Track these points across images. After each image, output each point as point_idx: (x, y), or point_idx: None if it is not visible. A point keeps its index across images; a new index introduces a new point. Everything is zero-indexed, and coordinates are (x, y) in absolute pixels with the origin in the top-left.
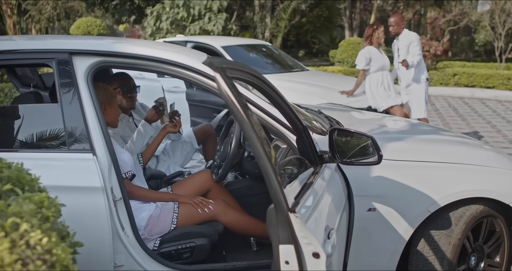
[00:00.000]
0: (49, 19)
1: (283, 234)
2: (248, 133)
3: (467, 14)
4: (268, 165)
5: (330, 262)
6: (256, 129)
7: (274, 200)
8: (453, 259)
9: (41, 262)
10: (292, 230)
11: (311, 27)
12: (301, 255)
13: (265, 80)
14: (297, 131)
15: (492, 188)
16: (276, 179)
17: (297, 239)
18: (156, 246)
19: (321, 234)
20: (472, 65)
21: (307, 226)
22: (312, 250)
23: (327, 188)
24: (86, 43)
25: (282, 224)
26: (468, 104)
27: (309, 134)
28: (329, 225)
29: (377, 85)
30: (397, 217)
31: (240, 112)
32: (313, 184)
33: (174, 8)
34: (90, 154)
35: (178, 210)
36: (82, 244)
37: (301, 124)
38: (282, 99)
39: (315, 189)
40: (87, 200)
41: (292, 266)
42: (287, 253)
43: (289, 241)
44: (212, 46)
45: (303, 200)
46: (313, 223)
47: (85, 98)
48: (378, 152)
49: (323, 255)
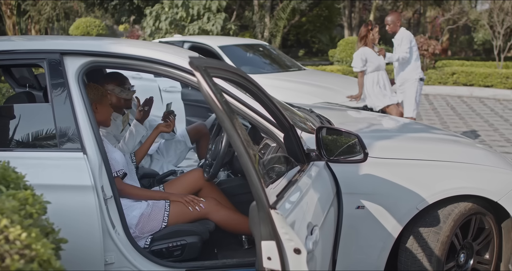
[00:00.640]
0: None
1: (265, 230)
2: (229, 132)
3: (466, 13)
4: (249, 162)
5: (313, 258)
6: (237, 128)
7: (255, 197)
8: (441, 256)
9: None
10: (273, 226)
11: (311, 26)
12: (283, 251)
13: (251, 80)
14: (284, 130)
15: (480, 185)
16: (257, 176)
17: (279, 235)
18: (147, 244)
19: (303, 230)
20: (471, 64)
21: (289, 223)
22: (294, 246)
23: (313, 185)
24: (77, 44)
25: (263, 220)
26: (466, 103)
27: (296, 132)
28: (312, 222)
29: (373, 85)
30: (385, 215)
31: (220, 111)
32: (297, 181)
33: (173, 8)
34: (81, 152)
35: (169, 208)
36: (67, 240)
37: (288, 122)
38: (268, 98)
39: (299, 186)
40: (77, 198)
41: (274, 262)
42: (269, 249)
43: (271, 237)
44: (209, 46)
45: (285, 197)
46: (294, 220)
47: (76, 98)
48: (363, 149)
49: (304, 251)
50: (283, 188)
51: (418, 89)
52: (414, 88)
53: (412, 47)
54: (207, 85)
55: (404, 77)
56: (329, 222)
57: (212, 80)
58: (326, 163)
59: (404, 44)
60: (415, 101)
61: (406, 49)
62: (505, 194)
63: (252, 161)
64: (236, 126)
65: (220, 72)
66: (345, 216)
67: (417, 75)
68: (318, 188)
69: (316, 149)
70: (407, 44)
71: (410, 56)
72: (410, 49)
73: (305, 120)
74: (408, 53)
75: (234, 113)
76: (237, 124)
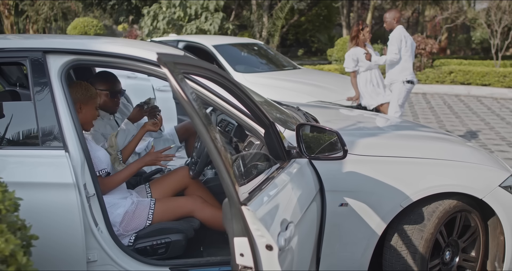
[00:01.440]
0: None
1: (237, 227)
2: (199, 128)
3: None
4: (219, 159)
5: (287, 255)
6: (206, 124)
7: (227, 194)
8: (425, 253)
9: None
10: (245, 223)
11: (310, 26)
12: (255, 247)
13: (227, 77)
14: (264, 127)
15: (465, 183)
16: (227, 173)
17: (250, 232)
18: (131, 242)
19: (276, 227)
20: (468, 63)
21: (261, 219)
22: (265, 242)
23: (291, 182)
24: (60, 42)
25: (235, 217)
26: (464, 102)
27: (276, 129)
28: (287, 219)
29: (366, 83)
30: (369, 212)
31: (189, 107)
32: (274, 178)
33: (171, 7)
34: (63, 150)
35: (154, 206)
36: (38, 237)
37: (268, 119)
38: (246, 96)
39: (275, 183)
40: (59, 196)
41: (246, 258)
42: (242, 246)
43: (243, 234)
44: (203, 45)
45: (258, 194)
46: (267, 216)
47: (58, 96)
48: (343, 146)
49: (275, 247)
50: (258, 185)
51: (403, 92)
52: (398, 90)
53: (404, 48)
54: (175, 81)
55: (392, 78)
56: (309, 219)
57: (181, 76)
58: (309, 160)
59: (393, 44)
60: (398, 104)
61: (395, 50)
62: (490, 192)
63: (222, 157)
64: (205, 122)
65: (192, 69)
66: (329, 213)
67: (404, 77)
68: (297, 185)
69: (297, 146)
70: (395, 44)
71: (400, 57)
72: (400, 50)
73: (291, 118)
74: (398, 54)
75: (204, 109)
76: (207, 121)
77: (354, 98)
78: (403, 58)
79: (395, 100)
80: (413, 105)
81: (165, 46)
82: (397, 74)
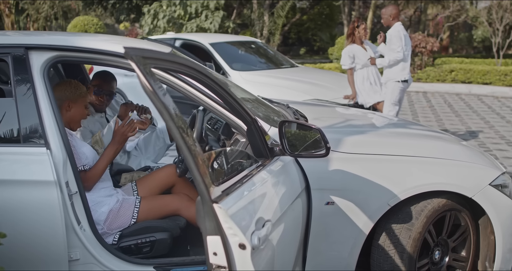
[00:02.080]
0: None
1: (209, 225)
2: (168, 124)
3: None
4: (189, 155)
5: (263, 254)
6: (175, 120)
7: (199, 191)
8: (413, 253)
9: None
10: (217, 221)
11: (312, 24)
12: (228, 246)
13: (205, 72)
14: (246, 124)
15: (454, 181)
16: (197, 169)
17: (223, 230)
18: (116, 241)
19: (250, 226)
20: (470, 62)
21: (234, 217)
22: (238, 241)
23: (271, 180)
24: (42, 38)
25: (208, 215)
26: (464, 100)
27: (258, 126)
28: (264, 217)
29: (363, 81)
30: (356, 211)
31: (158, 102)
32: (252, 176)
33: (171, 6)
34: (44, 148)
35: (139, 204)
36: (5, 234)
37: (250, 116)
38: (227, 92)
39: (253, 181)
40: (39, 194)
41: (220, 257)
42: (215, 244)
43: (215, 232)
44: (200, 43)
45: (233, 192)
46: (240, 215)
47: (40, 93)
48: (325, 144)
49: (248, 247)
50: (233, 183)
51: (397, 90)
52: (392, 88)
53: (404, 47)
54: (143, 75)
55: (388, 76)
56: (293, 217)
57: (148, 71)
58: (295, 158)
59: (394, 43)
60: (393, 103)
61: (397, 48)
62: (480, 190)
63: (191, 153)
64: (174, 118)
65: (166, 64)
66: (315, 212)
67: (399, 77)
68: (278, 183)
69: (280, 143)
70: (396, 43)
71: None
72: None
73: (279, 116)
74: (401, 52)
75: (172, 105)
76: (176, 117)
77: (351, 96)
78: (404, 56)
79: (389, 99)
80: (413, 104)
81: (147, 41)
82: (394, 73)
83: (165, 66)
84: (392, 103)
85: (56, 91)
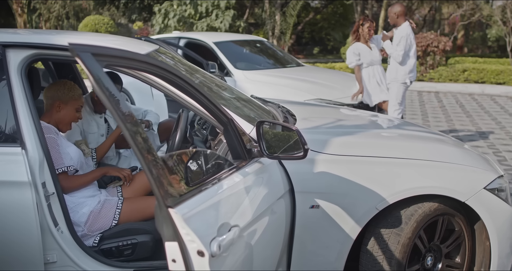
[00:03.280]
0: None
1: (167, 231)
2: (119, 123)
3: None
4: (141, 157)
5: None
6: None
7: (155, 196)
8: (402, 259)
9: None
10: (174, 226)
11: (326, 24)
12: (186, 252)
13: (176, 73)
14: (222, 125)
15: (446, 184)
16: (149, 171)
17: (180, 236)
18: (96, 243)
19: (210, 232)
20: (484, 61)
21: (193, 223)
22: (196, 248)
23: (245, 183)
24: (21, 36)
25: (165, 220)
26: (477, 100)
27: (235, 127)
28: (229, 222)
29: (369, 79)
30: (342, 215)
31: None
32: (220, 180)
33: (182, 5)
34: (19, 147)
35: (121, 206)
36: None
37: (226, 116)
38: (199, 92)
39: (220, 184)
40: (13, 195)
41: (178, 264)
42: (173, 251)
43: (173, 238)
44: (204, 42)
45: (192, 197)
46: (200, 220)
47: (17, 91)
48: (303, 145)
49: (207, 254)
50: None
51: (401, 91)
52: (397, 89)
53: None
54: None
55: (392, 76)
56: (275, 220)
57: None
58: (278, 159)
59: (397, 44)
60: (398, 103)
61: (400, 49)
62: (473, 194)
63: (142, 155)
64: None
65: (120, 61)
66: (299, 215)
67: (403, 79)
68: (253, 186)
69: (258, 144)
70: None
71: (408, 57)
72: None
73: (268, 115)
74: (402, 50)
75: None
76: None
77: (358, 93)
78: (410, 57)
79: (394, 99)
80: (424, 104)
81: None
82: (400, 74)
83: (122, 64)
84: (397, 103)
85: (49, 90)
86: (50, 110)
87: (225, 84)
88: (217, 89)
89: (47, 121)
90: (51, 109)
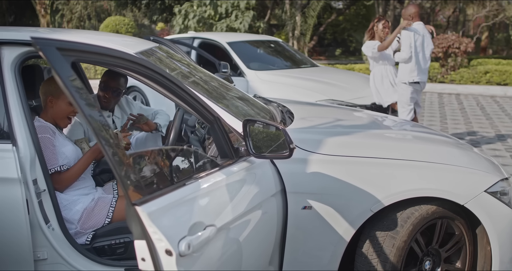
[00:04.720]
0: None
1: (135, 229)
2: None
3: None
4: (107, 154)
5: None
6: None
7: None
8: (397, 262)
9: None
10: (142, 225)
11: (348, 25)
12: (154, 251)
13: (157, 69)
14: (209, 123)
15: (445, 187)
16: (115, 169)
17: (148, 235)
18: (89, 241)
19: (180, 230)
20: (507, 63)
21: (162, 221)
22: (164, 247)
23: (227, 182)
24: (15, 34)
25: (133, 218)
26: (499, 103)
27: (222, 125)
28: (203, 221)
29: (382, 79)
30: (336, 217)
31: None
32: (198, 178)
33: (202, 6)
34: (10, 144)
35: (115, 204)
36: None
37: (212, 115)
38: (183, 90)
39: (197, 183)
40: (2, 191)
41: (148, 263)
42: (142, 249)
43: (141, 237)
44: (217, 42)
45: (161, 195)
46: (169, 219)
47: (9, 88)
48: (288, 144)
49: (174, 253)
50: (165, 185)
51: (407, 92)
52: (402, 90)
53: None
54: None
55: (400, 77)
56: (265, 220)
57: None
58: (270, 159)
59: (403, 44)
60: (405, 104)
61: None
62: (473, 197)
63: (107, 152)
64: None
65: (91, 56)
66: (291, 216)
67: (407, 79)
68: (238, 185)
69: (244, 144)
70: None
71: (410, 58)
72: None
73: (265, 114)
74: (405, 51)
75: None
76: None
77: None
78: (413, 59)
79: (399, 100)
80: (444, 106)
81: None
82: (405, 75)
83: (94, 60)
84: (405, 104)
85: (42, 87)
86: (46, 107)
87: (227, 83)
88: (216, 89)
89: (45, 119)
90: (46, 105)
